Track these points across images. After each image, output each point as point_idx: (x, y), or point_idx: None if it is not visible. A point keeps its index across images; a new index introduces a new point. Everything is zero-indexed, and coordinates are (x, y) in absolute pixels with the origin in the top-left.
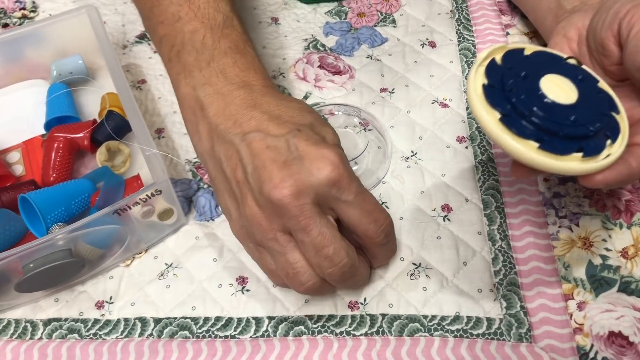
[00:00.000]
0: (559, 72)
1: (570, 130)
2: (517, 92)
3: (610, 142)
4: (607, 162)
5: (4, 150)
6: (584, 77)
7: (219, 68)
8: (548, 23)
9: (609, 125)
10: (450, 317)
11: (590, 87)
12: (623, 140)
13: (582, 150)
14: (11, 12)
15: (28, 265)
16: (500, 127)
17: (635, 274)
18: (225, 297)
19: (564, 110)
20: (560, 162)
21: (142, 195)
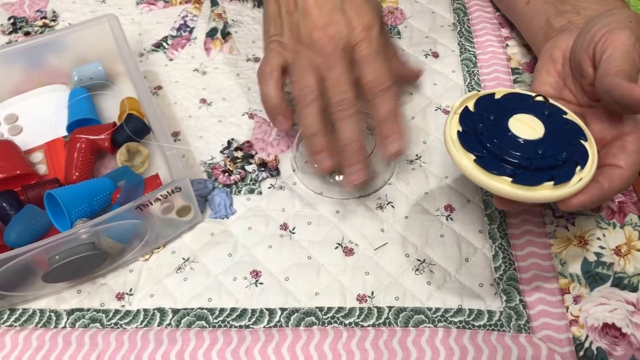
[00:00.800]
0: (527, 110)
1: (539, 162)
2: (488, 135)
3: (580, 168)
4: (579, 187)
5: (28, 151)
6: (551, 112)
7: None
8: (539, 40)
9: (577, 153)
10: (453, 310)
11: (557, 120)
12: (592, 165)
13: (552, 179)
14: (32, 21)
15: (54, 257)
16: (476, 167)
17: (628, 270)
18: (239, 289)
19: (533, 145)
20: (534, 193)
21: (163, 192)
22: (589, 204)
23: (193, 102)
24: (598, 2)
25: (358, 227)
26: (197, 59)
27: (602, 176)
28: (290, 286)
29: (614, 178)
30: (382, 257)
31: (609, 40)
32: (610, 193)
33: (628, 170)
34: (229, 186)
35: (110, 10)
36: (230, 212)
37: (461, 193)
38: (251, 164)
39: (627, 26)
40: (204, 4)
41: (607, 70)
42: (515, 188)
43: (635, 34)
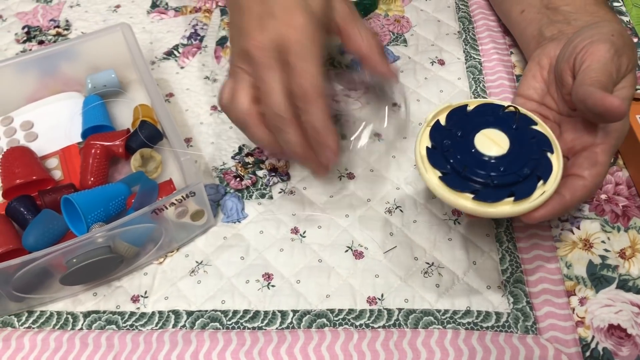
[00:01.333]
0: (495, 124)
1: (500, 179)
2: (453, 152)
3: (543, 182)
4: (539, 202)
5: (44, 157)
6: (520, 125)
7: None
8: (531, 48)
9: (540, 167)
10: (462, 311)
11: (524, 133)
12: (556, 178)
13: (513, 195)
14: (46, 30)
15: (72, 260)
16: (440, 184)
17: (633, 273)
18: (252, 292)
19: (496, 161)
20: (494, 209)
21: (177, 197)
22: (551, 216)
23: (204, 109)
24: (589, 14)
25: (367, 231)
26: (208, 67)
27: (565, 187)
28: (302, 289)
29: (576, 189)
30: (392, 260)
31: (589, 52)
32: (572, 204)
33: (591, 181)
34: (240, 191)
35: (122, 19)
36: (242, 217)
37: None
38: (262, 169)
39: (608, 39)
40: (213, 12)
41: (583, 80)
42: (476, 205)
43: (615, 47)
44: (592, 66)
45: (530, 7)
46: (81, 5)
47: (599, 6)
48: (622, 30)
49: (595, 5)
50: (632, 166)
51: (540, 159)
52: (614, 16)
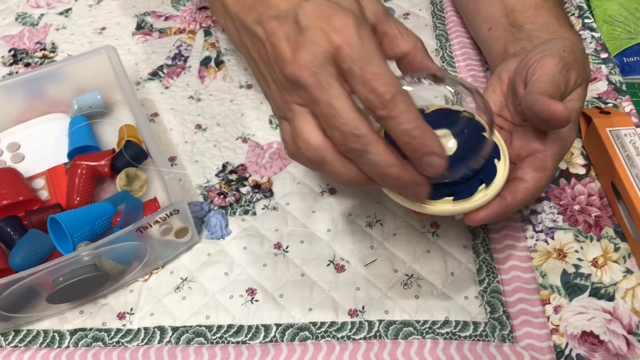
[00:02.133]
0: (447, 126)
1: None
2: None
3: (485, 186)
4: (479, 203)
5: (30, 178)
6: (471, 130)
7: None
8: (496, 65)
9: (484, 171)
10: (441, 322)
11: (474, 138)
12: (499, 183)
13: (452, 195)
14: (32, 53)
15: (58, 278)
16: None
17: (605, 281)
18: (236, 306)
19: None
20: (435, 206)
21: (161, 215)
22: (493, 217)
23: (189, 128)
24: (551, 33)
25: (349, 245)
26: (192, 87)
27: (507, 190)
28: (285, 302)
29: (517, 192)
30: (372, 272)
31: (539, 65)
32: (514, 206)
33: (532, 184)
34: (224, 208)
35: (107, 41)
36: (226, 233)
37: None
38: (245, 186)
39: (558, 54)
40: (197, 33)
41: (532, 89)
42: (459, 204)
43: (564, 62)
44: (540, 78)
45: (497, 25)
46: (67, 28)
47: (560, 25)
48: (574, 47)
49: (557, 24)
50: (603, 177)
51: (485, 163)
52: (573, 34)
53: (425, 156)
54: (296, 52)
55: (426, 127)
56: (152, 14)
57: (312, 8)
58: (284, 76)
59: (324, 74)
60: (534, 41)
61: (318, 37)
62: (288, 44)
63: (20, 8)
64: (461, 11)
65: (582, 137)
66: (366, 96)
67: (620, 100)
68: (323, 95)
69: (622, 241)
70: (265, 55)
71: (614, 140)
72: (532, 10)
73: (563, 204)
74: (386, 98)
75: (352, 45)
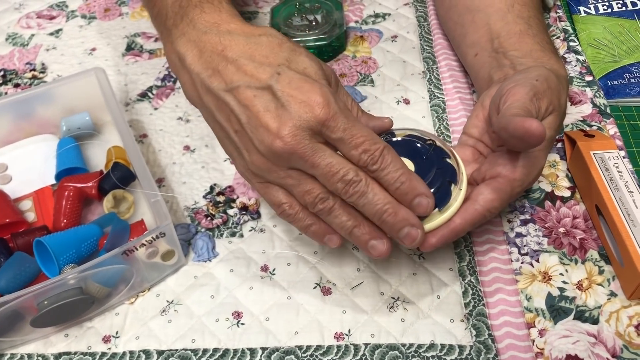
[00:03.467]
0: (408, 154)
1: None
2: None
3: (438, 210)
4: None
5: (17, 199)
6: (431, 156)
7: (189, 19)
8: (483, 90)
9: (437, 195)
10: (426, 345)
11: (433, 164)
12: (450, 208)
13: None
14: (22, 73)
15: (43, 302)
16: None
17: (589, 304)
18: (222, 330)
19: None
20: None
21: (148, 238)
22: (444, 240)
23: (177, 149)
24: (534, 60)
25: (335, 267)
26: (181, 108)
27: (457, 212)
28: (271, 326)
29: (467, 213)
30: (358, 295)
31: (511, 94)
32: (462, 228)
33: (482, 206)
34: (211, 230)
35: (97, 61)
36: (212, 255)
37: None
38: (233, 208)
39: (530, 83)
40: None
41: (504, 113)
42: None
43: (535, 90)
44: (512, 104)
45: (482, 50)
46: (57, 49)
47: (544, 52)
48: (548, 75)
49: (541, 51)
50: (587, 200)
51: (440, 188)
52: (556, 61)
53: (415, 197)
54: (282, 127)
55: (411, 172)
56: (142, 35)
57: (286, 81)
58: (268, 149)
59: (313, 142)
60: (517, 68)
61: (301, 111)
62: (271, 118)
63: (10, 28)
64: (449, 35)
65: (567, 159)
66: (359, 157)
67: (604, 123)
68: (320, 159)
69: (606, 264)
70: (238, 125)
71: (597, 163)
72: (516, 36)
73: (548, 227)
74: (377, 155)
75: (336, 118)
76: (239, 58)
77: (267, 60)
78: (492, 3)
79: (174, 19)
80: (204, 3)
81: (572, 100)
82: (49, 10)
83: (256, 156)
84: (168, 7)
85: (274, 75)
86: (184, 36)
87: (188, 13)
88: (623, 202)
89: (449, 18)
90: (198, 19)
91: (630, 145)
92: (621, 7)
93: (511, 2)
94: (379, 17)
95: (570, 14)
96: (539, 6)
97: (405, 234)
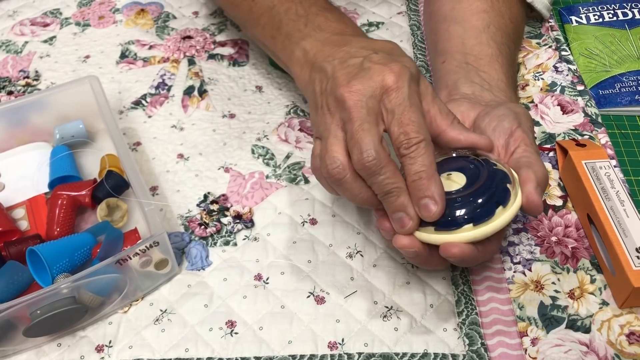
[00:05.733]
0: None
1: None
2: None
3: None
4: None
5: (10, 207)
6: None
7: (315, 24)
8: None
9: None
10: (420, 354)
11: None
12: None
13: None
14: (15, 81)
15: (35, 312)
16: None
17: (581, 312)
18: (215, 339)
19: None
20: (455, 235)
21: (141, 247)
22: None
23: (171, 157)
24: (500, 91)
25: (329, 276)
26: (175, 116)
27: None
28: (265, 335)
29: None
30: (352, 304)
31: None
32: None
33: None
34: (205, 238)
35: (91, 69)
36: (206, 264)
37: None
38: (226, 216)
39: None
40: (181, 63)
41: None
42: (439, 234)
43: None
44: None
45: (451, 59)
46: (51, 56)
47: (508, 86)
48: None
49: (506, 85)
50: (579, 209)
51: (485, 205)
52: (516, 99)
53: (424, 198)
54: (351, 80)
55: (435, 175)
56: (136, 43)
57: (377, 57)
58: (333, 97)
59: (367, 102)
60: (485, 95)
61: (374, 75)
62: (347, 76)
63: (4, 35)
64: (426, 41)
65: (559, 168)
66: (397, 135)
67: (596, 132)
68: (359, 116)
69: (598, 273)
70: (325, 85)
71: (589, 173)
72: (487, 59)
73: (540, 236)
74: (413, 142)
75: (400, 91)
76: (353, 46)
77: (374, 46)
78: (469, 18)
79: (295, 24)
80: (325, 12)
81: (564, 110)
82: (43, 17)
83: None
84: (281, 16)
85: (371, 54)
86: (310, 37)
87: (311, 20)
88: (614, 212)
89: (427, 25)
90: (324, 25)
91: (622, 155)
92: (612, 17)
93: (487, 23)
94: (373, 25)
95: (562, 24)
96: (513, 36)
97: (398, 219)
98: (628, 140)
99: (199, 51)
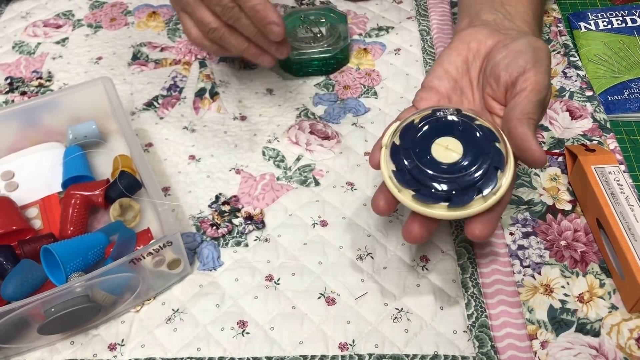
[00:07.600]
0: (444, 132)
1: (465, 182)
2: (416, 170)
3: (501, 172)
4: (472, 211)
5: (24, 206)
6: (464, 126)
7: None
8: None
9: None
10: (430, 356)
11: (470, 131)
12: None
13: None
14: (29, 81)
15: (50, 309)
16: (415, 201)
17: (590, 316)
18: (227, 339)
19: (456, 167)
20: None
21: (155, 246)
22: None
23: (182, 159)
24: (524, 22)
25: (339, 277)
26: (187, 118)
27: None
28: (276, 335)
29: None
30: (362, 306)
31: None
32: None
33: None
34: (216, 239)
35: (103, 70)
36: (217, 265)
37: (435, 244)
38: (238, 217)
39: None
40: (192, 65)
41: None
42: (453, 211)
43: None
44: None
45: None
46: (63, 57)
47: (534, 20)
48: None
49: (532, 18)
50: (588, 213)
51: (487, 173)
52: (541, 35)
53: (267, 25)
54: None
55: (269, 4)
56: (148, 45)
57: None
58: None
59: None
60: (506, 24)
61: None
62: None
63: (17, 37)
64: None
65: (568, 173)
66: None
67: (605, 137)
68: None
69: (607, 277)
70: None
71: (598, 178)
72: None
73: (550, 240)
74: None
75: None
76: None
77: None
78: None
79: None
80: None
81: (573, 115)
82: (56, 19)
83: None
84: None
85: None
86: None
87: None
88: (624, 216)
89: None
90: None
91: (630, 160)
92: (621, 23)
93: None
94: (383, 30)
95: (570, 30)
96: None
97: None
98: (637, 146)
99: (210, 54)
